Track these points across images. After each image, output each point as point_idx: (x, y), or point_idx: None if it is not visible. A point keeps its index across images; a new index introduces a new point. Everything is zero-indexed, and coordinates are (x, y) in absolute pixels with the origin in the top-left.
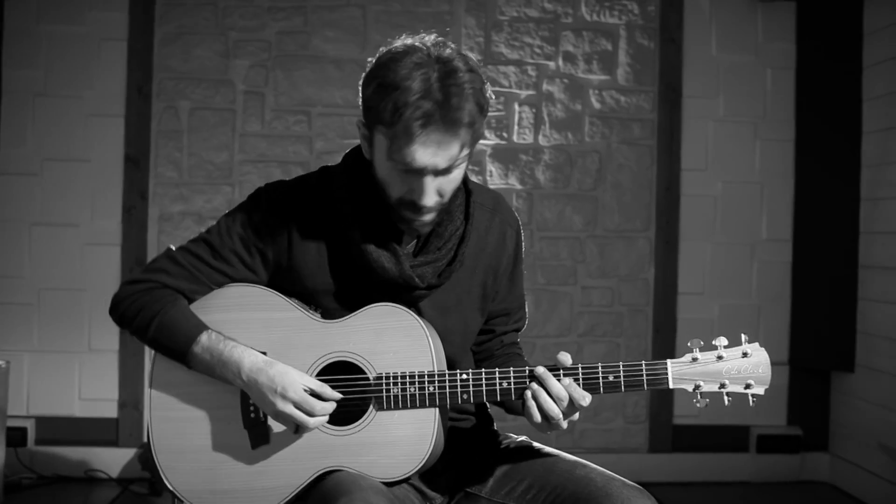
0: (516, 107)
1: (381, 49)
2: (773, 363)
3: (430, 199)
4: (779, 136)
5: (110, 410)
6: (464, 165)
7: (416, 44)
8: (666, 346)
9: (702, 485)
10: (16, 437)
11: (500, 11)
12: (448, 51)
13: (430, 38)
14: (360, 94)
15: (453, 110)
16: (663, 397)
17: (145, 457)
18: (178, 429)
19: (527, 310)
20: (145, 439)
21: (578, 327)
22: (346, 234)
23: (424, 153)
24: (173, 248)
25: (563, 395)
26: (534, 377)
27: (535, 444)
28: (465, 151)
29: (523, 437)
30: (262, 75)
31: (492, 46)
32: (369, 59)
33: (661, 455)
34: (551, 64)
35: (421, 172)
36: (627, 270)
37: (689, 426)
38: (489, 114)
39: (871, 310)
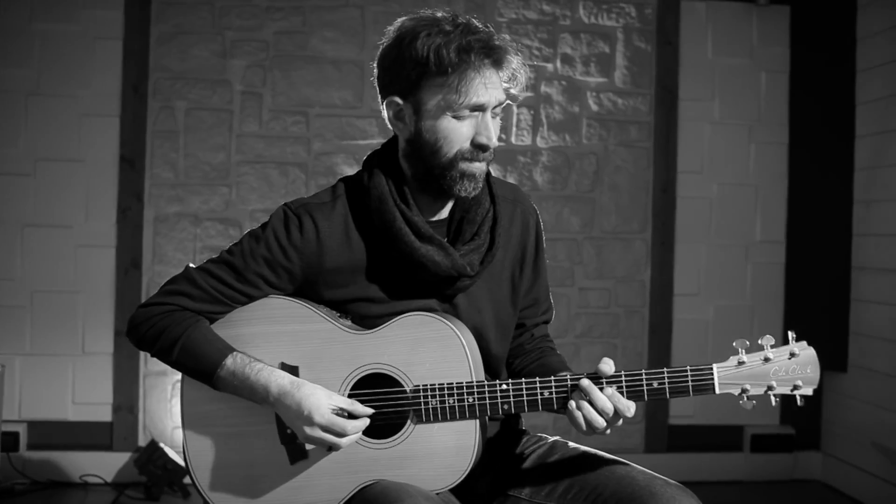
0: (514, 108)
1: (386, 30)
2: None
3: (494, 135)
4: (773, 139)
5: (104, 414)
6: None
7: (419, 14)
8: (662, 347)
9: (697, 484)
10: (8, 441)
11: (498, 13)
12: (453, 13)
13: (426, 12)
14: (390, 67)
15: (496, 38)
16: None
17: (142, 461)
18: (215, 445)
19: (552, 300)
20: (182, 460)
21: (576, 328)
22: (385, 237)
23: (488, 82)
24: (192, 267)
25: (609, 408)
26: (577, 388)
27: (571, 444)
28: (507, 89)
29: (556, 438)
30: (259, 75)
31: None
32: (379, 42)
33: (656, 455)
34: (549, 66)
35: (484, 108)
36: (624, 272)
37: (684, 426)
38: None
39: (864, 311)
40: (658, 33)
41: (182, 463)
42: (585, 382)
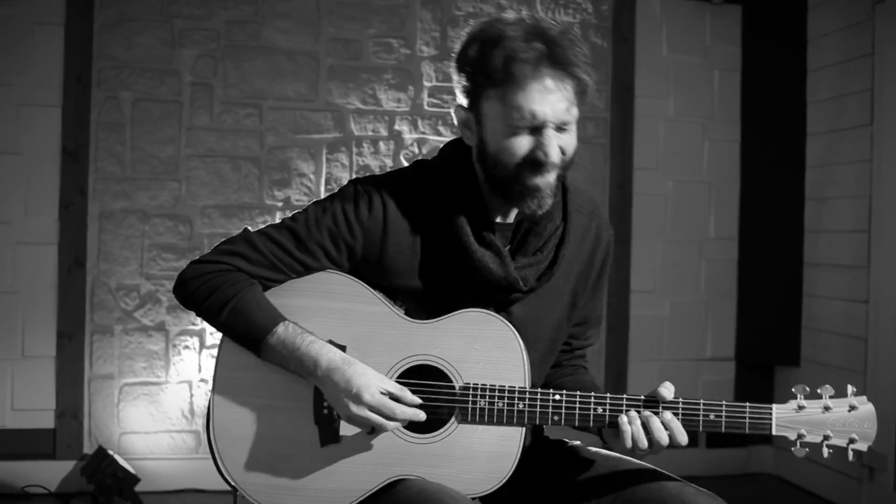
0: None
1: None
2: (720, 359)
3: (554, 151)
4: (726, 137)
5: (47, 421)
6: (575, 127)
7: (499, 16)
8: (619, 343)
9: None
10: None
11: (456, 7)
12: (535, 17)
13: (509, 14)
14: (457, 77)
15: (562, 51)
16: (617, 392)
17: (90, 469)
18: (242, 415)
19: (601, 326)
20: (204, 422)
21: None
22: (446, 233)
23: (541, 100)
24: (251, 231)
25: (664, 440)
26: (632, 409)
27: (593, 448)
28: (577, 101)
29: (577, 442)
30: (210, 66)
31: (448, 42)
32: (452, 53)
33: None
34: None
35: (542, 126)
36: None
37: None
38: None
39: (816, 306)
40: (614, 30)
41: (131, 469)
42: (647, 413)
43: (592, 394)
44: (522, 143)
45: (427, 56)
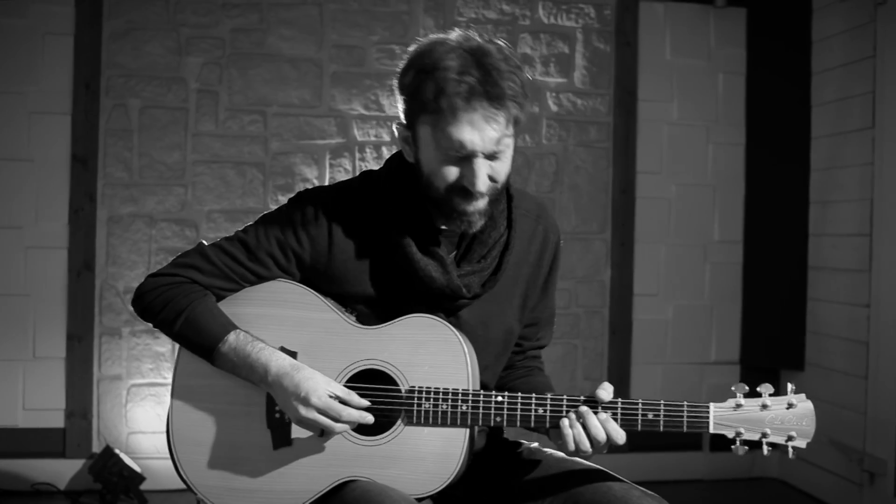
0: None
1: (408, 50)
2: (725, 363)
3: (482, 182)
4: (730, 140)
5: (57, 420)
6: (511, 151)
7: (442, 36)
8: (622, 347)
9: (658, 484)
10: None
11: (458, 12)
12: (477, 40)
13: (454, 33)
14: (399, 91)
15: (494, 84)
16: (622, 396)
17: (97, 468)
18: (199, 421)
19: (554, 327)
20: (164, 428)
21: None
22: (391, 242)
23: (472, 131)
24: (205, 244)
25: (601, 436)
26: (573, 409)
27: (548, 451)
28: (511, 131)
29: (535, 444)
30: (215, 73)
31: None
32: (397, 69)
33: (618, 455)
34: None
35: (471, 155)
36: (584, 272)
37: None
38: None
39: (821, 310)
40: (617, 34)
41: (136, 468)
42: (584, 409)
43: (533, 395)
44: (452, 171)
45: None
